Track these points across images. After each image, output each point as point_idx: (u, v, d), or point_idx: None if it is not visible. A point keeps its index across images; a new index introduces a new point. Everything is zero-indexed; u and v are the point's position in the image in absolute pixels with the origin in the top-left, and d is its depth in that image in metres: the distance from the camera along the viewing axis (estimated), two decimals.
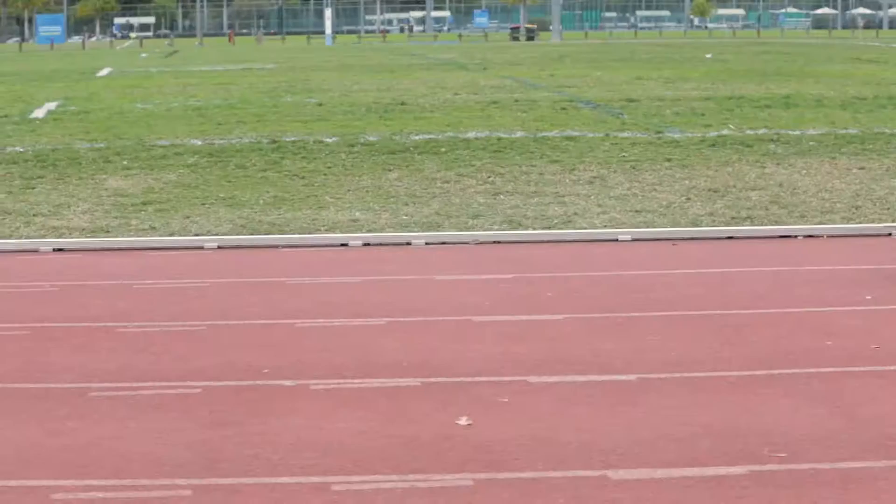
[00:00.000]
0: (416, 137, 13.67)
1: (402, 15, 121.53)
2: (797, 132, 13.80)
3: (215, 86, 24.63)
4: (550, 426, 4.40)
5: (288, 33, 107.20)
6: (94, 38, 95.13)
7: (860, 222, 8.69)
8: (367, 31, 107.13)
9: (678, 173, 10.88)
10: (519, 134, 13.89)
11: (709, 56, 37.13)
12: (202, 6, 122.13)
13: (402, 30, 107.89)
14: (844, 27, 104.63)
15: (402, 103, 18.56)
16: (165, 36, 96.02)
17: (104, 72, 33.22)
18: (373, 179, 10.83)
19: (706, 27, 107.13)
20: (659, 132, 13.92)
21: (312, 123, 15.71)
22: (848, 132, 13.85)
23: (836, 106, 17.29)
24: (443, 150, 12.53)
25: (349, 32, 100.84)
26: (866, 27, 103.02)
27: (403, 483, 3.88)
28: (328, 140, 13.59)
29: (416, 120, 15.89)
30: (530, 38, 76.23)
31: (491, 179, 10.67)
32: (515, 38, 77.24)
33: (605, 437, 4.28)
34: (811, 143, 12.83)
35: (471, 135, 13.87)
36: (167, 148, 13.21)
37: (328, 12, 74.31)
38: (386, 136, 13.80)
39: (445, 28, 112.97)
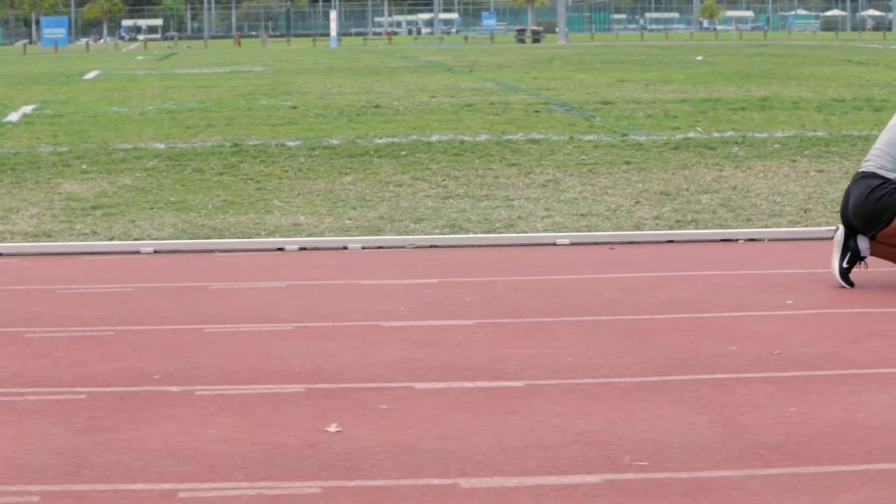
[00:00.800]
0: (380, 141, 13.64)
1: (411, 17, 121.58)
2: (765, 135, 13.73)
3: (196, 89, 24.61)
4: (420, 434, 4.36)
5: (296, 35, 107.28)
6: (101, 41, 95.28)
7: (807, 225, 8.64)
8: (374, 34, 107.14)
9: (634, 176, 10.84)
10: (483, 137, 13.86)
11: (699, 58, 37.03)
12: (209, 8, 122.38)
13: (409, 32, 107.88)
14: (854, 29, 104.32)
15: (376, 106, 18.53)
16: (172, 38, 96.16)
17: (91, 75, 33.23)
18: (327, 183, 10.80)
19: (714, 29, 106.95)
20: (625, 135, 13.88)
21: (280, 127, 15.67)
22: (815, 135, 13.78)
23: (812, 108, 17.22)
24: (403, 153, 12.50)
25: (357, 34, 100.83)
26: (875, 29, 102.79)
27: (251, 490, 3.84)
28: (291, 144, 13.55)
29: (386, 123, 15.86)
30: (536, 41, 76.15)
31: (444, 183, 10.64)
32: (521, 41, 77.16)
33: (470, 444, 4.24)
34: (776, 145, 12.76)
35: (435, 138, 13.83)
36: (128, 152, 13.18)
37: (333, 14, 74.26)
38: (349, 140, 13.76)
39: (454, 30, 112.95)
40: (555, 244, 8.14)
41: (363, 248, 8.12)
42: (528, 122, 15.84)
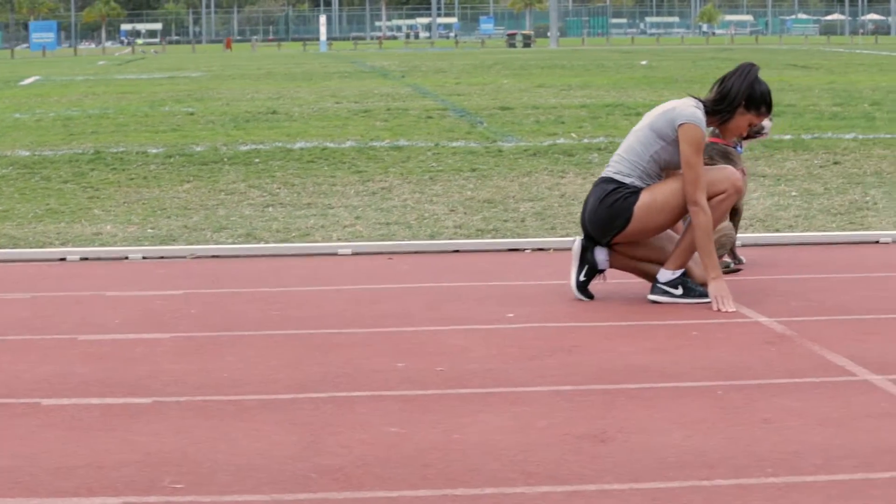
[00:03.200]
0: (243, 148, 13.51)
1: (410, 21, 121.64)
2: None
3: (117, 94, 24.45)
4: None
5: (294, 39, 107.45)
6: (91, 45, 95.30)
7: None
8: (372, 38, 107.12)
9: (471, 184, 10.70)
10: (349, 144, 13.72)
11: (644, 63, 36.92)
12: (208, 12, 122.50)
13: (407, 36, 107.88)
14: (852, 33, 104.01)
15: (273, 112, 18.39)
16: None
17: (29, 80, 33.14)
18: (162, 191, 10.69)
19: (713, 33, 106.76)
20: (494, 141, 13.74)
21: (162, 134, 15.48)
22: None
23: None
24: (257, 160, 12.37)
25: (355, 38, 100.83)
26: (874, 33, 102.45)
27: None
28: (153, 151, 13.44)
29: (269, 129, 15.71)
30: (527, 45, 76.09)
31: (278, 191, 10.52)
32: (512, 45, 77.11)
33: (34, 463, 4.12)
34: None
35: (299, 145, 13.71)
36: None
37: (322, 19, 74.44)
38: (212, 147, 13.62)
39: (452, 34, 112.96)
40: (336, 254, 8.03)
41: (143, 258, 8.02)
42: (410, 128, 15.67)
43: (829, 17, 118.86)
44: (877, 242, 8.25)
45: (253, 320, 6.25)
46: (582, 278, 6.61)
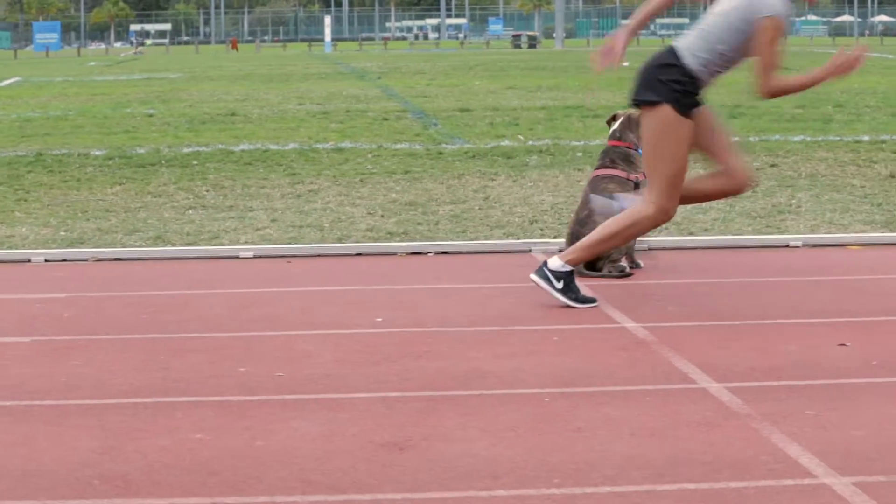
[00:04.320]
0: (186, 150, 13.48)
1: (420, 22, 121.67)
2: (580, 143, 13.50)
3: (88, 96, 24.42)
4: None
5: (303, 40, 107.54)
6: (102, 46, 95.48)
7: (523, 238, 8.41)
8: (381, 39, 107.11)
9: (398, 186, 10.65)
10: (291, 146, 13.68)
11: (625, 64, 36.81)
12: (217, 12, 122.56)
13: (416, 37, 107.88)
14: (861, 35, 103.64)
15: (233, 114, 18.34)
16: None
17: (7, 81, 33.14)
18: (91, 193, 10.64)
19: None
20: (439, 143, 13.68)
21: (111, 136, 15.41)
22: None
23: None
24: (195, 162, 12.33)
25: (364, 39, 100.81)
26: (883, 34, 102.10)
27: None
28: (96, 153, 13.39)
29: (219, 132, 15.65)
30: (532, 46, 76.02)
31: (205, 194, 10.47)
32: (517, 46, 77.06)
33: None
34: (578, 154, 12.53)
35: (241, 147, 13.66)
36: None
37: (328, 20, 74.52)
38: (154, 150, 13.58)
39: (461, 35, 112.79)
40: (238, 257, 7.97)
41: (46, 260, 7.98)
42: (361, 130, 15.59)
43: (838, 19, 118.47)
44: (786, 246, 8.17)
45: (120, 324, 6.21)
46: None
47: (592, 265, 7.19)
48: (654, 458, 4.17)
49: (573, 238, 7.10)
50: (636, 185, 7.45)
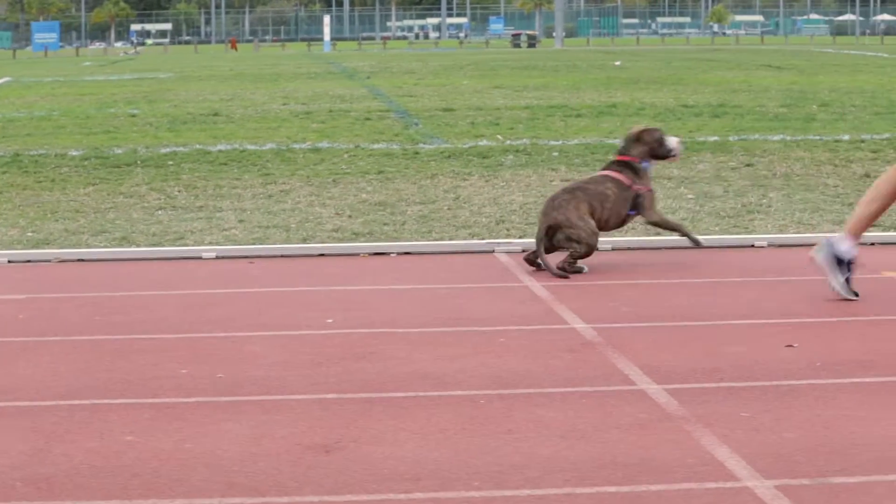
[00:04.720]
0: (163, 150, 13.49)
1: (421, 21, 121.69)
2: (558, 142, 13.49)
3: (75, 96, 24.47)
4: None
5: (304, 40, 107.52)
6: (103, 45, 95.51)
7: (488, 238, 8.40)
8: (382, 38, 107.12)
9: (370, 186, 10.65)
10: (269, 146, 13.69)
11: (617, 64, 36.86)
12: (218, 12, 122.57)
13: (416, 36, 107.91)
14: (862, 33, 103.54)
15: (215, 114, 18.36)
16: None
17: None
18: (64, 194, 10.65)
19: (724, 33, 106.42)
20: (416, 143, 13.67)
21: (91, 136, 15.43)
22: (608, 142, 13.49)
23: (653, 115, 16.91)
24: (170, 163, 12.34)
25: (364, 39, 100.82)
26: (886, 33, 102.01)
27: None
28: (74, 154, 13.41)
29: (199, 132, 15.67)
30: (531, 45, 76.05)
31: (177, 194, 10.48)
32: (517, 45, 77.09)
33: None
34: (554, 153, 12.51)
35: (219, 147, 13.67)
36: None
37: (326, 20, 74.60)
38: (131, 150, 13.59)
39: (462, 34, 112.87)
40: (200, 258, 7.97)
41: (9, 262, 7.98)
42: (342, 129, 15.61)
43: (840, 18, 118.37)
44: (752, 246, 8.16)
45: (72, 326, 6.21)
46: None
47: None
48: (579, 460, 4.16)
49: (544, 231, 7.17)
50: (636, 196, 7.49)
